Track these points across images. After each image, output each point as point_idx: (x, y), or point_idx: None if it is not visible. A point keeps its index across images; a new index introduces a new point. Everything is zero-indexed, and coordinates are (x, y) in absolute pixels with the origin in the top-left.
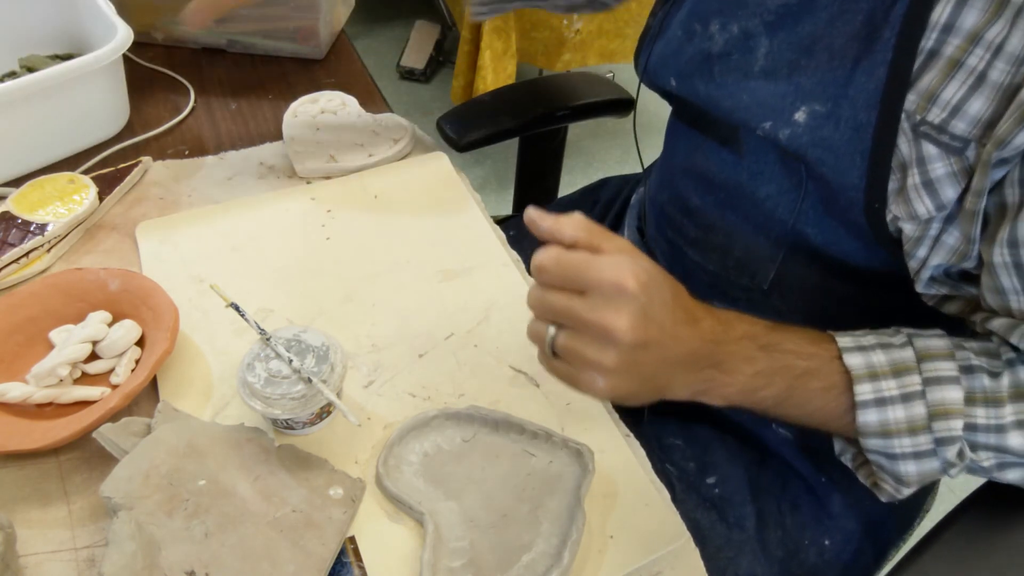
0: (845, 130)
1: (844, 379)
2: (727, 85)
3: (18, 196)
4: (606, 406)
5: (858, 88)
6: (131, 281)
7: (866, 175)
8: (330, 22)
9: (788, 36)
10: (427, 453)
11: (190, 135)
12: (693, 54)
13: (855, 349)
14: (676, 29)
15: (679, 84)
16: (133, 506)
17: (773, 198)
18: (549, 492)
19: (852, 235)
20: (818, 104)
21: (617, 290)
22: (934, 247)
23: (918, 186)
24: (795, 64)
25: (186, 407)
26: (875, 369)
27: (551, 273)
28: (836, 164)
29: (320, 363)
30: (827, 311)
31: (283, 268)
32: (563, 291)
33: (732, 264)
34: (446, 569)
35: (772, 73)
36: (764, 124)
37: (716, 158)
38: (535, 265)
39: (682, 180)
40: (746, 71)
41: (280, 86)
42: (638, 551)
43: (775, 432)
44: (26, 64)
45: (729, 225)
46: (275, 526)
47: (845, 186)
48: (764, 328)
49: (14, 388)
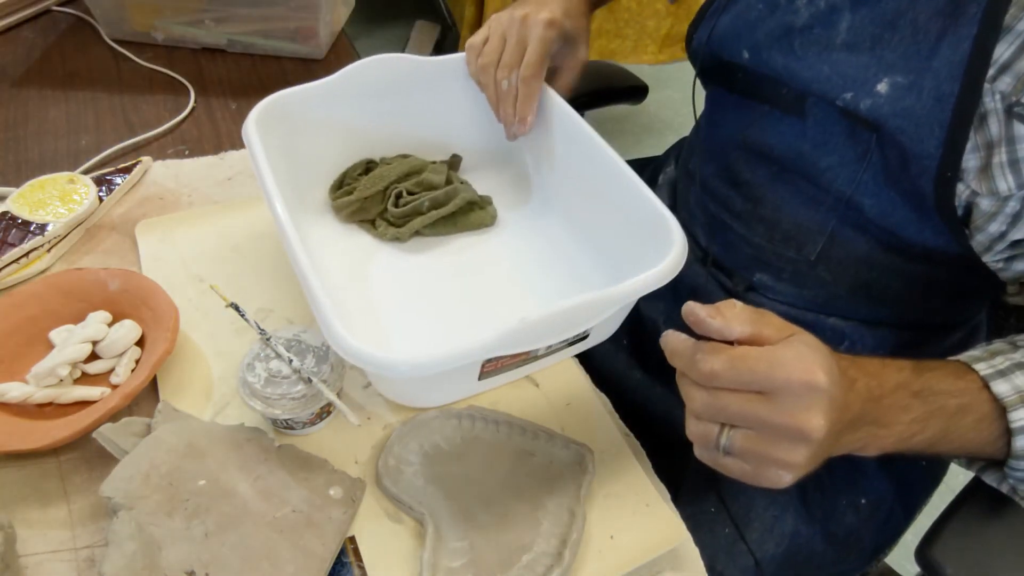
0: (927, 100)
1: (994, 408)
2: (807, 57)
3: (18, 196)
4: (606, 406)
5: (942, 60)
6: (131, 281)
7: (943, 144)
8: (330, 22)
9: (871, 11)
10: (427, 453)
11: (190, 135)
12: (774, 27)
13: (997, 375)
14: (755, 2)
15: (752, 56)
16: (133, 506)
17: (834, 168)
18: (549, 492)
19: (909, 206)
20: (900, 76)
21: (808, 389)
22: (1013, 222)
23: (1004, 164)
24: (878, 37)
25: (186, 407)
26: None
27: (726, 379)
28: (916, 133)
29: (320, 363)
30: (872, 282)
31: (283, 268)
32: (739, 392)
33: (779, 236)
34: (446, 569)
35: (854, 46)
36: (845, 95)
37: (776, 129)
38: (706, 372)
39: (733, 153)
40: (827, 44)
41: (280, 86)
42: (638, 551)
43: None
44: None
45: (779, 198)
46: (275, 526)
47: (921, 154)
48: (912, 372)
49: (14, 388)
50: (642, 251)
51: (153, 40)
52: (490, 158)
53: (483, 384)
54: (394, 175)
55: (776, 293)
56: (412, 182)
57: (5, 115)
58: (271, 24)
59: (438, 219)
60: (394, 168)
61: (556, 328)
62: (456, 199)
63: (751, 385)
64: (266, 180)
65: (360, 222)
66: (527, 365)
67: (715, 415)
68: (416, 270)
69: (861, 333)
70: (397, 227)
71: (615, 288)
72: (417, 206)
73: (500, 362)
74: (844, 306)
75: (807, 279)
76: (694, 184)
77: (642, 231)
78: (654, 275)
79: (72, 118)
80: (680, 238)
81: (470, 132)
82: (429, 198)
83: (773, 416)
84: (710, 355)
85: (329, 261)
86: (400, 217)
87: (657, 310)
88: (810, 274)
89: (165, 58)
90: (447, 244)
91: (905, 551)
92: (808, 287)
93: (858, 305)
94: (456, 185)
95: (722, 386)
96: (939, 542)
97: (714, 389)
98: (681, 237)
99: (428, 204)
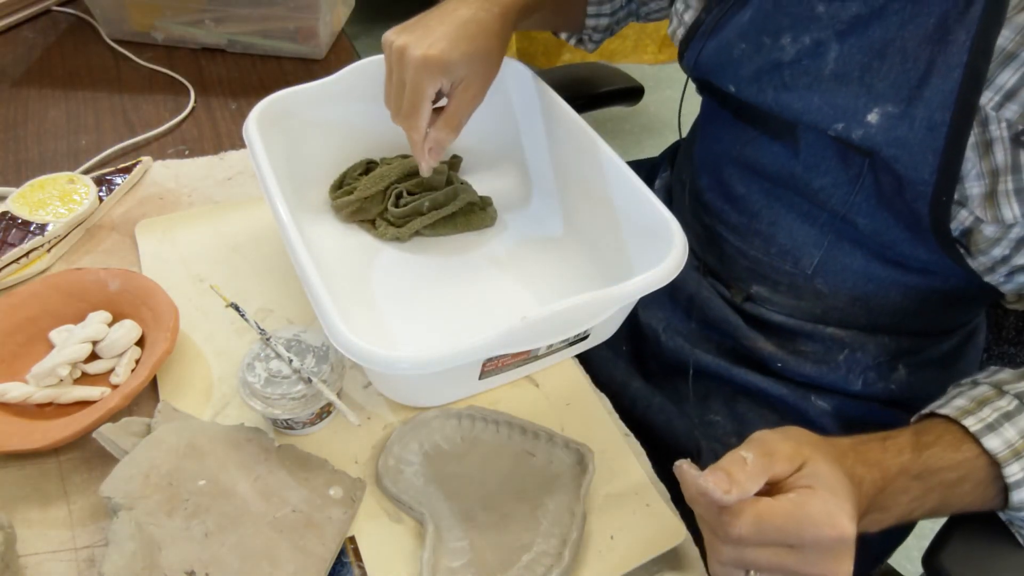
0: (919, 129)
1: (991, 471)
2: (797, 89)
3: (18, 196)
4: (606, 406)
5: (933, 89)
6: (131, 281)
7: (937, 171)
8: (330, 22)
9: (859, 41)
10: (427, 453)
11: (190, 135)
12: (761, 64)
13: (987, 430)
14: (736, 39)
15: (739, 90)
16: (133, 506)
17: (827, 189)
18: (549, 492)
19: (902, 225)
20: (891, 105)
21: (838, 542)
22: (1017, 247)
23: (1009, 192)
24: (867, 67)
25: (186, 407)
26: (1015, 446)
27: (755, 540)
28: (910, 160)
29: (320, 363)
30: (870, 293)
31: (283, 268)
32: (768, 547)
33: (775, 250)
34: (446, 569)
35: (843, 76)
36: (836, 125)
37: (768, 150)
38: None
39: (727, 168)
40: (816, 75)
41: (280, 86)
42: (638, 551)
43: (814, 405)
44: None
45: (774, 213)
46: (275, 526)
47: (916, 181)
48: (912, 453)
49: (14, 388)
50: (642, 251)
51: (153, 40)
52: (490, 159)
53: (483, 384)
54: (394, 175)
55: (774, 304)
56: (412, 182)
57: (5, 115)
58: (271, 24)
59: (438, 219)
60: (394, 168)
61: (556, 328)
62: (456, 200)
63: (780, 543)
64: (266, 180)
65: (360, 222)
66: (527, 365)
67: (743, 567)
68: (416, 270)
69: (861, 341)
70: (397, 227)
71: (615, 288)
72: (417, 206)
73: (500, 361)
74: (842, 316)
75: (804, 291)
76: (687, 194)
77: (642, 231)
78: (654, 275)
79: (72, 118)
80: (680, 239)
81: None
82: (429, 199)
83: (803, 567)
84: (736, 518)
85: (329, 261)
86: (400, 217)
87: (656, 318)
88: (807, 287)
89: (165, 58)
90: (447, 244)
91: (905, 551)
92: (806, 299)
93: (856, 315)
94: (456, 186)
95: (750, 544)
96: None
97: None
98: (681, 238)
99: (428, 204)
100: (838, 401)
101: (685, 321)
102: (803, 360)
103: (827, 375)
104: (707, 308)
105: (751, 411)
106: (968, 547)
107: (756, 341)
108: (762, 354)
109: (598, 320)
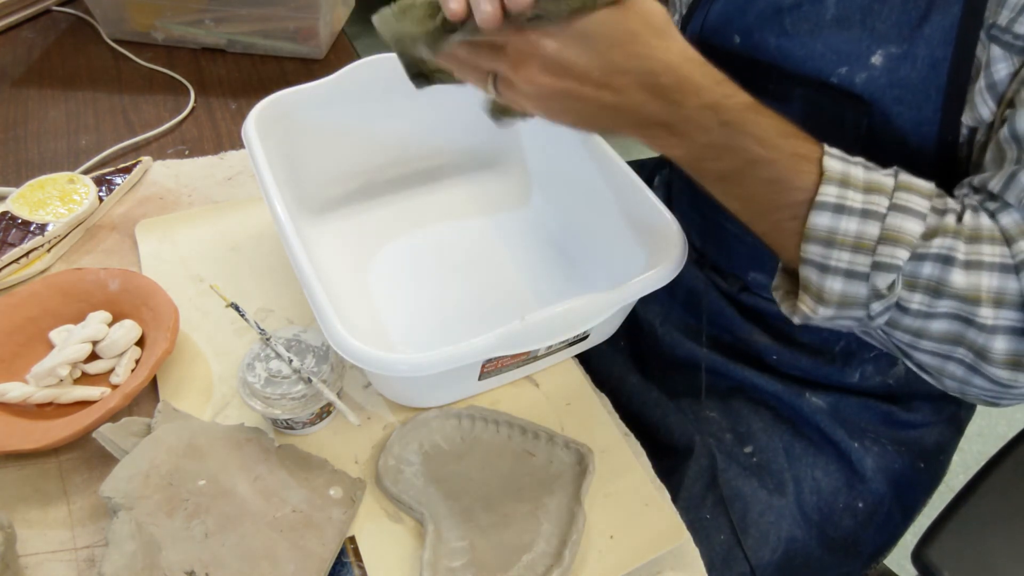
0: (922, 68)
1: (800, 179)
2: (799, 35)
3: (18, 196)
4: (606, 406)
5: (933, 26)
6: (131, 281)
7: (941, 108)
8: (330, 22)
9: None
10: (427, 453)
11: (190, 135)
12: (762, 9)
13: (840, 158)
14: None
15: (744, 40)
16: (133, 506)
17: None
18: (549, 492)
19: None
20: (894, 46)
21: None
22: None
23: (982, 89)
24: (868, 9)
25: (186, 407)
26: (848, 178)
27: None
28: (913, 100)
29: (320, 363)
30: None
31: (283, 268)
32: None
33: None
34: (446, 569)
35: (845, 20)
36: (840, 70)
37: None
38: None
39: None
40: (818, 21)
41: (280, 86)
42: (638, 551)
43: (809, 402)
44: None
45: None
46: (275, 526)
47: (920, 121)
48: (739, 105)
49: (14, 388)
50: (642, 252)
51: (153, 40)
52: (490, 159)
53: (483, 384)
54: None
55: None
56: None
57: (5, 115)
58: (271, 24)
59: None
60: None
61: (556, 328)
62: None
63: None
64: (266, 180)
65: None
66: (527, 365)
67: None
68: (416, 270)
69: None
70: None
71: (615, 289)
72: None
73: (500, 362)
74: None
75: None
76: (687, 185)
77: (642, 232)
78: (654, 276)
79: (72, 118)
80: (680, 239)
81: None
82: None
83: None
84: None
85: (329, 261)
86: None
87: (654, 313)
88: None
89: (165, 58)
90: (447, 244)
91: (904, 551)
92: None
93: None
94: None
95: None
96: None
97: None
98: (681, 238)
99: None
100: (834, 398)
101: (682, 315)
102: (799, 352)
103: (823, 368)
104: (704, 301)
105: (746, 407)
106: (958, 542)
107: (752, 334)
108: (758, 347)
109: (598, 321)
